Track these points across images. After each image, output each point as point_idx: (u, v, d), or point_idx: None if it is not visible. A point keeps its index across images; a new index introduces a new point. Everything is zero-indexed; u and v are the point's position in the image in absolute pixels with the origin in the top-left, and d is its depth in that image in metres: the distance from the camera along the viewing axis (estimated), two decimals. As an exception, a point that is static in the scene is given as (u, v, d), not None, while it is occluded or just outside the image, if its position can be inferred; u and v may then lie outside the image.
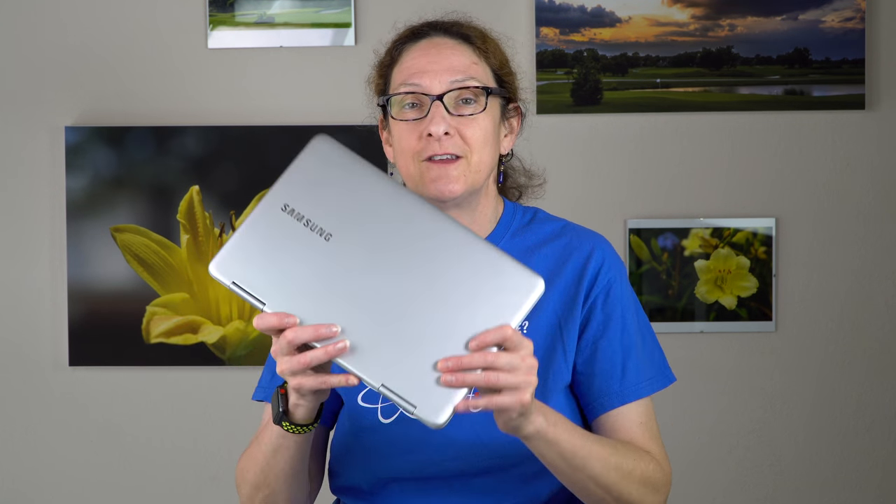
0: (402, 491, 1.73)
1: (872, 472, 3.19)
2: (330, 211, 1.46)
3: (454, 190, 1.70)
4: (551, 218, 1.82)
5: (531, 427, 1.52)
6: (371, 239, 1.45)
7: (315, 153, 1.48)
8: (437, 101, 1.70)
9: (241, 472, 1.75)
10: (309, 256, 1.45)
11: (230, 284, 1.45)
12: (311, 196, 1.46)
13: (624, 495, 1.65)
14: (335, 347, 1.43)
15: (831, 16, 3.16)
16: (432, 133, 1.69)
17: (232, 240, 1.46)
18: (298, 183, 1.47)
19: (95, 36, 3.21)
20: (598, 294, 1.74)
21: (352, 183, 1.47)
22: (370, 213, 1.46)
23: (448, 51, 1.73)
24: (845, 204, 3.18)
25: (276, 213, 1.46)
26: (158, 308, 3.18)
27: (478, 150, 1.71)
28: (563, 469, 1.61)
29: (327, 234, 1.45)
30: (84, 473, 3.23)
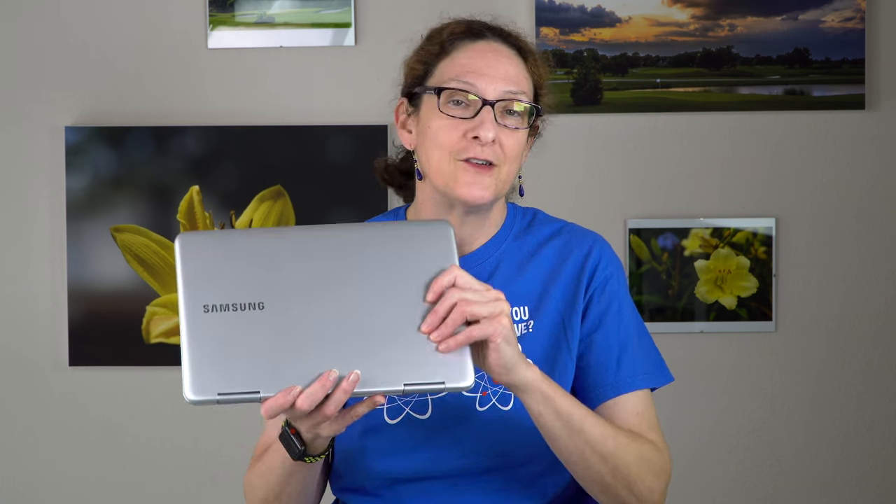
0: (408, 491, 1.73)
1: (872, 472, 3.19)
2: (243, 286, 1.47)
3: (484, 196, 1.71)
4: (550, 219, 1.83)
5: (529, 373, 1.56)
6: (294, 283, 1.48)
7: (189, 250, 1.49)
8: (488, 107, 1.70)
9: (251, 488, 1.76)
10: (260, 331, 1.46)
11: (217, 399, 1.44)
12: (218, 285, 1.47)
13: (621, 468, 1.64)
14: (349, 381, 1.46)
15: (831, 16, 3.16)
16: (481, 137, 1.69)
17: (186, 363, 1.45)
18: (198, 282, 1.47)
19: (95, 36, 3.21)
20: (595, 289, 1.76)
21: (239, 253, 1.49)
22: (275, 265, 1.48)
23: (505, 59, 1.74)
24: (845, 204, 3.18)
25: (202, 317, 1.46)
26: (158, 308, 3.18)
27: (510, 161, 1.72)
28: (561, 433, 1.61)
29: (259, 304, 1.47)
30: (84, 473, 3.22)
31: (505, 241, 1.79)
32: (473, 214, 1.75)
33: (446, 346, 1.48)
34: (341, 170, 3.16)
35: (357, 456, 1.75)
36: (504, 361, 1.53)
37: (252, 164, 3.18)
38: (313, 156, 3.17)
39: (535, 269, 1.77)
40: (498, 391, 1.71)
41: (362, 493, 1.77)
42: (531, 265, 1.77)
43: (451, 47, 1.76)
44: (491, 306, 1.51)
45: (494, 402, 1.72)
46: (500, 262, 1.77)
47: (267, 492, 1.72)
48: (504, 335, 1.52)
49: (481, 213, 1.76)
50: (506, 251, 1.78)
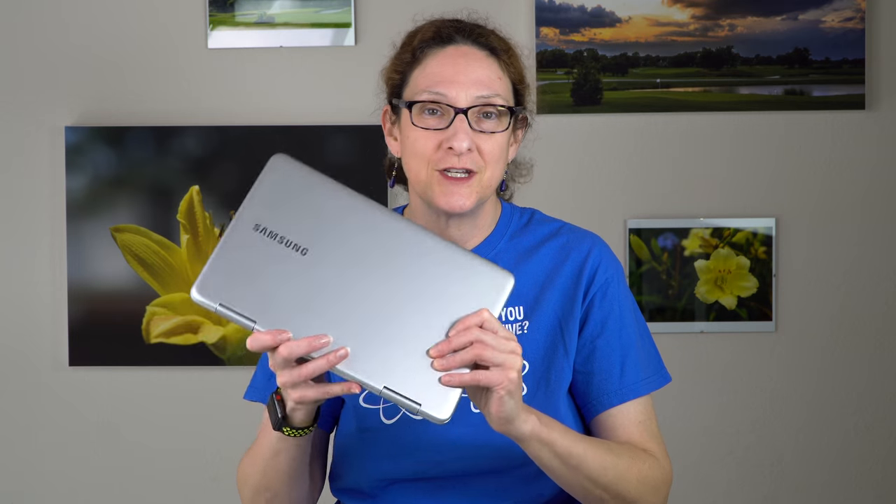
0: (404, 492, 1.73)
1: (872, 472, 3.19)
2: (301, 226, 1.48)
3: (465, 205, 1.70)
4: (548, 219, 1.83)
5: (526, 426, 1.54)
6: (345, 250, 1.48)
7: (276, 172, 1.51)
8: (461, 115, 1.68)
9: (243, 475, 1.76)
10: (289, 272, 1.46)
11: (217, 307, 1.45)
12: (281, 213, 1.48)
13: (622, 493, 1.65)
14: (336, 355, 1.45)
15: (831, 16, 3.16)
16: (454, 147, 1.68)
17: (210, 263, 1.47)
18: (266, 202, 1.49)
19: (95, 36, 3.21)
20: (595, 292, 1.75)
21: (317, 197, 1.49)
22: (340, 225, 1.48)
23: (475, 63, 1.71)
24: (845, 204, 3.18)
25: (249, 233, 1.48)
26: (158, 308, 3.18)
27: (492, 165, 1.70)
28: (561, 471, 1.62)
29: (303, 249, 1.47)
30: (84, 473, 3.22)
31: (500, 240, 1.78)
32: (460, 218, 1.74)
33: (449, 379, 1.47)
34: (341, 170, 3.16)
35: (354, 456, 1.75)
36: (505, 413, 1.52)
37: (252, 164, 3.17)
38: (313, 156, 3.17)
39: (532, 270, 1.76)
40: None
41: (359, 494, 1.77)
42: (528, 265, 1.76)
43: (422, 55, 1.73)
44: (505, 357, 1.49)
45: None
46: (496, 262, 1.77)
47: (257, 476, 1.71)
48: (509, 389, 1.50)
49: (468, 217, 1.75)
50: (501, 251, 1.77)
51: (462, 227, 1.75)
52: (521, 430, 1.54)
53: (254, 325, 1.45)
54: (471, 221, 1.75)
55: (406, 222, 1.50)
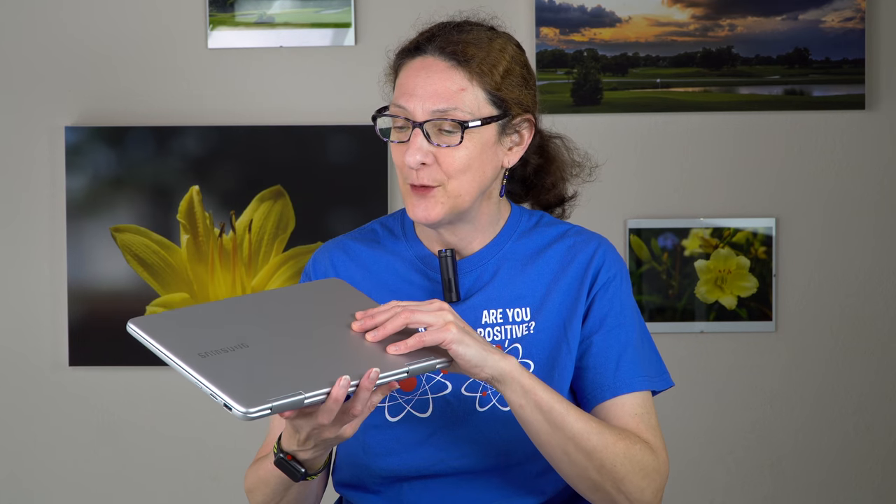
0: (408, 488, 1.73)
1: (872, 472, 3.19)
2: (216, 337, 1.52)
3: (430, 217, 1.71)
4: (556, 221, 1.83)
5: (501, 363, 1.58)
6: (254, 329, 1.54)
7: (150, 327, 1.54)
8: (416, 129, 1.69)
9: (251, 492, 1.76)
10: (262, 362, 1.50)
11: (271, 408, 1.46)
12: (196, 338, 1.51)
13: (607, 465, 1.63)
14: (369, 378, 1.49)
15: (831, 16, 3.16)
16: (406, 162, 1.69)
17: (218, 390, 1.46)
18: (179, 341, 1.52)
19: (95, 36, 3.21)
20: (598, 290, 1.75)
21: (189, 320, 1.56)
22: (225, 323, 1.55)
23: (437, 75, 1.69)
24: (845, 204, 3.18)
25: (203, 360, 1.49)
26: (158, 308, 3.18)
27: (456, 177, 1.70)
28: (542, 426, 1.61)
29: (242, 344, 1.52)
30: (84, 473, 3.22)
31: (507, 242, 1.78)
32: (450, 226, 1.75)
33: (396, 349, 1.53)
34: (341, 170, 3.16)
35: (358, 453, 1.75)
36: (470, 359, 1.56)
37: (252, 164, 3.18)
38: (313, 156, 3.17)
39: (539, 271, 1.76)
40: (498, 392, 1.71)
41: (363, 490, 1.77)
42: (535, 266, 1.77)
43: (398, 67, 1.75)
44: (436, 315, 1.56)
45: (494, 402, 1.72)
46: (502, 263, 1.77)
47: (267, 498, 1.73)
48: (456, 339, 1.55)
49: (458, 223, 1.75)
50: (508, 252, 1.78)
51: (457, 233, 1.76)
52: (498, 367, 1.58)
53: (303, 396, 1.47)
54: (465, 226, 1.76)
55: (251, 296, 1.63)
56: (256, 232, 3.18)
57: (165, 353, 1.50)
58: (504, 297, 1.75)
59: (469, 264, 1.77)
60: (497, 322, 1.74)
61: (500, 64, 1.72)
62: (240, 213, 3.18)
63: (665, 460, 1.70)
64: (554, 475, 1.72)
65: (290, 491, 1.70)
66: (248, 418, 1.43)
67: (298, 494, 1.71)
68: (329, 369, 1.50)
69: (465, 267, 1.76)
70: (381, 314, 1.56)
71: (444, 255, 1.73)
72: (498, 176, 1.76)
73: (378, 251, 1.81)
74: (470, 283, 1.76)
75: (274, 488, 1.70)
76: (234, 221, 3.18)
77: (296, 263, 3.18)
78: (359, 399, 1.50)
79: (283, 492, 1.70)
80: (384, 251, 1.81)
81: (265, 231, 3.18)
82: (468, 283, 1.76)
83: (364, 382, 1.49)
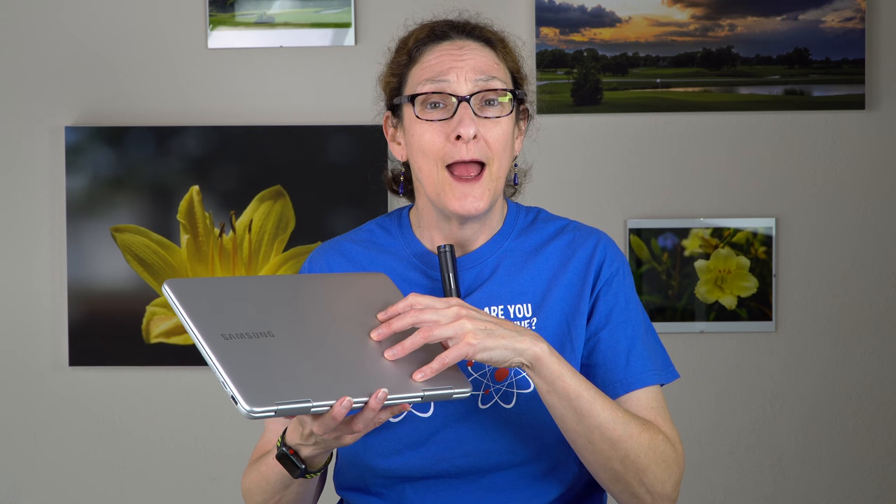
0: (410, 489, 1.73)
1: (872, 471, 3.19)
2: (245, 319, 1.51)
3: (479, 207, 1.71)
4: (554, 217, 1.83)
5: (529, 352, 1.57)
6: (286, 318, 1.53)
7: (183, 293, 1.51)
8: (464, 102, 1.69)
9: (248, 493, 1.76)
10: (281, 358, 1.49)
11: (275, 412, 1.45)
12: (223, 319, 1.50)
13: (631, 456, 1.63)
14: (377, 399, 1.48)
15: (831, 16, 3.16)
16: (462, 135, 1.68)
17: (230, 382, 1.46)
18: (206, 316, 1.50)
19: (95, 36, 3.21)
20: (601, 286, 1.75)
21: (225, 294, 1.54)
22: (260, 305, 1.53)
23: (472, 52, 1.72)
24: (845, 204, 3.18)
25: (225, 343, 1.48)
26: (158, 308, 3.18)
27: (499, 155, 1.71)
28: (568, 413, 1.60)
29: (269, 333, 1.50)
30: (84, 473, 3.22)
31: (507, 239, 1.78)
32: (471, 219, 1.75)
33: (422, 375, 1.51)
34: (341, 170, 3.16)
35: (359, 454, 1.75)
36: (497, 361, 1.56)
37: (252, 164, 3.18)
38: (313, 156, 3.17)
39: (539, 267, 1.76)
40: (500, 389, 1.70)
41: (364, 492, 1.77)
42: (534, 263, 1.76)
43: (418, 54, 1.74)
44: (454, 327, 1.53)
45: (497, 399, 1.71)
46: (502, 260, 1.77)
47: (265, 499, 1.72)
48: (479, 349, 1.54)
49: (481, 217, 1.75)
50: (508, 249, 1.78)
51: (473, 227, 1.76)
52: (528, 353, 1.57)
53: (311, 405, 1.47)
54: (480, 221, 1.76)
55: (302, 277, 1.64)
56: (256, 232, 3.18)
57: (190, 325, 1.48)
58: (505, 294, 1.74)
59: (469, 261, 1.76)
60: None
61: (515, 52, 1.78)
62: (240, 213, 3.18)
63: (682, 453, 1.70)
64: (557, 475, 1.72)
65: (289, 490, 1.69)
66: (252, 417, 1.43)
67: (297, 495, 1.71)
68: (343, 380, 1.49)
69: (466, 264, 1.76)
70: (398, 320, 1.54)
71: (444, 252, 1.72)
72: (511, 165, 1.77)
73: (374, 252, 1.80)
74: (470, 280, 1.75)
75: (273, 486, 1.69)
76: (234, 221, 3.18)
77: (296, 263, 3.18)
78: (362, 418, 1.50)
79: (282, 490, 1.69)
80: (381, 251, 1.80)
81: (265, 231, 3.19)
82: (469, 280, 1.75)
83: (371, 402, 1.48)
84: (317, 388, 1.47)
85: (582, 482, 1.75)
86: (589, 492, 1.77)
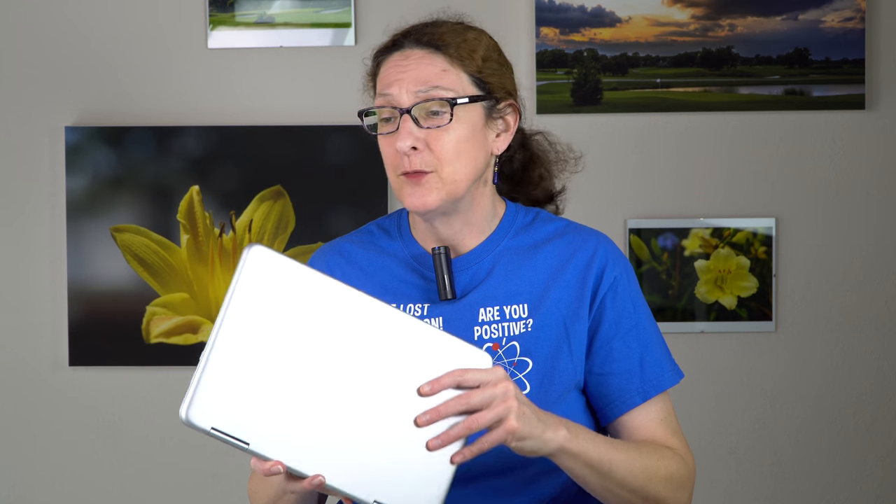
0: None
1: (872, 472, 3.19)
2: (286, 332, 1.44)
3: (427, 203, 1.70)
4: (553, 218, 1.82)
5: (553, 443, 1.56)
6: (333, 355, 1.45)
7: (257, 266, 1.45)
8: (405, 115, 1.69)
9: (253, 494, 1.76)
10: (278, 383, 1.44)
11: (209, 431, 1.42)
12: (266, 319, 1.44)
13: (651, 494, 1.67)
14: (310, 482, 1.45)
15: (831, 16, 3.16)
16: (398, 149, 1.69)
17: (202, 381, 1.43)
18: (250, 305, 1.44)
19: (95, 36, 3.21)
20: (605, 293, 1.74)
21: (298, 296, 1.45)
22: (324, 327, 1.45)
23: (416, 62, 1.71)
24: (845, 204, 3.18)
25: (235, 344, 1.44)
26: (158, 308, 3.18)
27: (449, 162, 1.70)
28: (592, 479, 1.63)
29: (288, 358, 1.44)
30: (84, 473, 3.23)
31: (503, 239, 1.78)
32: (444, 217, 1.74)
33: (461, 458, 1.48)
34: (341, 170, 3.16)
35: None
36: (525, 451, 1.55)
37: (252, 164, 3.18)
38: (313, 156, 3.17)
39: (537, 267, 1.75)
40: None
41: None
42: (532, 263, 1.76)
43: (377, 66, 1.76)
44: (498, 410, 1.49)
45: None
46: (498, 260, 1.76)
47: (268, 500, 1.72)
48: (516, 438, 1.51)
49: (454, 214, 1.74)
50: (504, 249, 1.77)
51: (451, 226, 1.75)
52: (550, 448, 1.56)
53: (246, 447, 1.43)
54: (459, 219, 1.75)
55: (389, 311, 1.48)
56: (256, 232, 3.18)
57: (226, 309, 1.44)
58: (501, 294, 1.74)
59: (465, 262, 1.76)
60: (494, 320, 1.73)
61: (477, 50, 1.74)
62: (240, 213, 3.18)
63: (693, 464, 1.74)
64: (555, 477, 1.72)
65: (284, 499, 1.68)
66: (185, 423, 1.41)
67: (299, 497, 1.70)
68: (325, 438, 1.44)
69: (461, 264, 1.76)
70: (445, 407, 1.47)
71: (438, 253, 1.72)
72: (489, 164, 1.76)
73: (373, 252, 1.80)
74: (466, 281, 1.75)
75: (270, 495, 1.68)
76: (234, 221, 3.18)
77: (296, 263, 3.18)
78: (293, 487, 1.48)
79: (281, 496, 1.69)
80: (380, 252, 1.80)
81: (265, 231, 3.19)
82: (464, 281, 1.75)
83: (304, 482, 1.46)
84: (271, 434, 1.43)
85: (574, 486, 1.75)
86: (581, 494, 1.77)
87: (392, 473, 1.46)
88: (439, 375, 1.48)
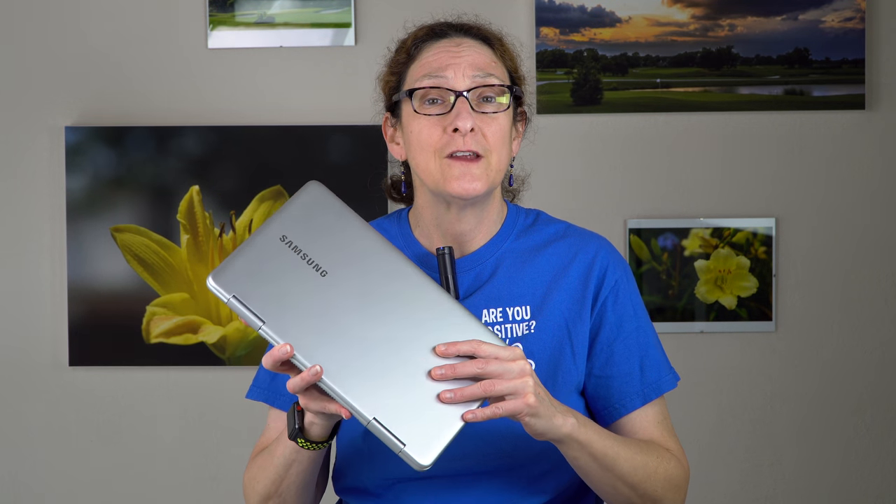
0: (409, 491, 1.73)
1: (872, 472, 3.19)
2: (326, 250, 1.53)
3: (477, 188, 1.70)
4: (553, 220, 1.83)
5: (564, 429, 1.58)
6: (362, 283, 1.53)
7: (310, 195, 1.57)
8: (462, 97, 1.70)
9: (251, 481, 1.76)
10: (305, 287, 1.51)
11: (230, 298, 1.49)
12: (309, 233, 1.53)
13: (649, 492, 1.69)
14: (309, 372, 1.48)
15: (831, 16, 3.16)
16: (459, 128, 1.69)
17: (232, 256, 1.51)
18: (297, 219, 1.54)
19: (95, 36, 3.21)
20: (606, 296, 1.75)
21: (344, 228, 1.56)
22: (361, 260, 1.54)
23: (470, 49, 1.73)
24: (845, 204, 3.18)
25: (275, 241, 1.52)
26: (158, 308, 3.18)
27: (497, 149, 1.71)
28: (594, 471, 1.65)
29: (323, 271, 1.52)
30: (84, 473, 3.23)
31: (506, 240, 1.78)
32: (470, 208, 1.74)
33: (473, 416, 1.50)
34: (341, 170, 3.16)
35: (359, 456, 1.75)
36: (536, 430, 1.56)
37: (252, 164, 3.18)
38: (313, 156, 3.17)
39: (538, 270, 1.76)
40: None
41: (364, 494, 1.77)
42: (534, 265, 1.76)
43: (417, 52, 1.76)
44: (517, 384, 1.52)
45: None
46: (501, 261, 1.77)
47: (267, 485, 1.72)
48: (530, 413, 1.53)
49: (479, 207, 1.75)
50: (507, 251, 1.78)
51: (470, 221, 1.75)
52: (559, 433, 1.58)
53: (261, 326, 1.49)
54: (478, 214, 1.76)
55: (423, 275, 1.55)
56: (256, 232, 3.18)
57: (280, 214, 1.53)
58: (504, 296, 1.75)
59: (468, 262, 1.76)
60: (497, 321, 1.74)
61: (513, 51, 1.79)
62: (240, 213, 3.18)
63: (687, 466, 1.76)
64: (556, 476, 1.73)
65: (290, 472, 1.69)
66: (209, 286, 1.49)
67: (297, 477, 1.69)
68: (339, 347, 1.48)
69: (465, 265, 1.76)
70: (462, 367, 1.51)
71: (442, 253, 1.72)
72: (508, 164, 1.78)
73: None
74: (469, 282, 1.75)
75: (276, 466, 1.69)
76: (234, 221, 3.18)
77: (296, 263, 3.18)
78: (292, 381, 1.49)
79: (284, 472, 1.69)
80: None
81: (265, 231, 3.18)
82: (467, 282, 1.75)
83: (304, 373, 1.48)
84: (288, 323, 1.49)
85: (576, 484, 1.76)
86: (583, 492, 1.78)
87: (400, 407, 1.49)
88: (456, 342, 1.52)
